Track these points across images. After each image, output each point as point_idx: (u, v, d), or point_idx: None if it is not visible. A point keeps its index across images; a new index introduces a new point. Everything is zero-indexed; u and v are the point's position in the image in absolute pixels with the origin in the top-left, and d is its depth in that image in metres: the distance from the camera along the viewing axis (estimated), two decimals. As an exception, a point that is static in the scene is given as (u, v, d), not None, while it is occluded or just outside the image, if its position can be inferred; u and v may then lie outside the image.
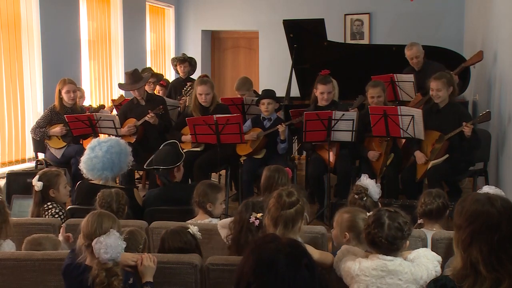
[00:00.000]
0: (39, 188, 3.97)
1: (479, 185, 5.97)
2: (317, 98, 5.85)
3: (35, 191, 3.98)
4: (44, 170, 4.18)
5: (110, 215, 2.81)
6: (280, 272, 1.67)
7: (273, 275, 1.68)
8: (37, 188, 3.97)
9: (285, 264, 1.68)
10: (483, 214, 2.00)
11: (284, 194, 2.84)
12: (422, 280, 2.59)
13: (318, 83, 5.80)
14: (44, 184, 3.97)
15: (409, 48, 6.41)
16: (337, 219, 3.09)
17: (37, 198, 3.99)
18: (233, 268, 3.00)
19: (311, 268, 1.70)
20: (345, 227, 3.02)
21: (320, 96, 5.77)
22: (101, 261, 2.60)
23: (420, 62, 6.38)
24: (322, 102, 5.77)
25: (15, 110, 6.55)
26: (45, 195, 4.00)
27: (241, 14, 9.88)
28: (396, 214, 2.67)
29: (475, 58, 6.17)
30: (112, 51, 8.48)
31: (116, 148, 4.41)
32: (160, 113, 6.11)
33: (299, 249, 1.74)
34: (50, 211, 3.96)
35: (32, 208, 4.02)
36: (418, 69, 6.41)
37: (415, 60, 6.37)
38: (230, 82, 10.46)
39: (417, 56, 6.35)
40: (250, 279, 1.73)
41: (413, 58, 6.37)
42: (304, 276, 1.68)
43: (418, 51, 6.34)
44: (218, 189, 3.87)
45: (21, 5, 6.59)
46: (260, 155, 5.92)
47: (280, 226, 2.79)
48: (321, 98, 5.77)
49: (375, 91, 5.64)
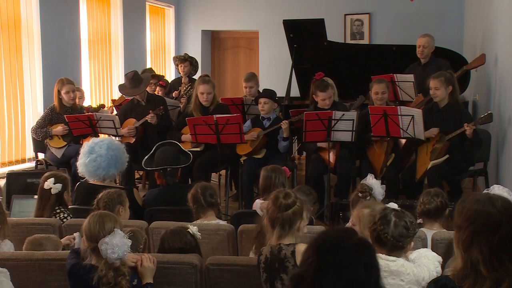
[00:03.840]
0: (56, 191, 3.93)
1: (479, 185, 5.98)
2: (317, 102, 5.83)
3: (51, 194, 3.92)
4: (54, 172, 4.10)
5: (110, 215, 2.81)
6: (339, 256, 1.69)
7: (333, 256, 1.69)
8: (55, 191, 3.93)
9: (346, 251, 1.69)
10: (483, 214, 1.99)
11: (281, 196, 2.84)
12: (424, 281, 2.59)
13: (317, 90, 5.75)
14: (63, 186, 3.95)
15: (422, 36, 6.46)
16: (357, 214, 3.06)
17: (52, 201, 3.93)
18: (233, 268, 3.02)
19: (369, 269, 1.70)
20: (368, 221, 2.98)
21: (322, 102, 5.73)
22: (109, 261, 2.60)
23: (425, 54, 6.39)
24: (324, 107, 5.74)
25: (15, 110, 6.54)
26: (60, 198, 3.97)
27: (241, 14, 9.88)
28: (403, 214, 2.68)
29: (478, 61, 6.16)
30: (112, 51, 8.48)
31: (116, 145, 4.47)
32: (160, 114, 6.11)
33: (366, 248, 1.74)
34: (59, 216, 3.94)
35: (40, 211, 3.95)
36: (424, 62, 6.41)
37: (421, 49, 6.40)
38: (230, 82, 10.47)
39: (424, 46, 6.38)
40: (309, 253, 1.75)
41: (420, 46, 6.41)
42: (360, 272, 1.68)
43: (427, 42, 6.37)
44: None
45: (21, 5, 6.59)
46: (260, 155, 5.91)
47: (277, 227, 2.80)
48: (322, 104, 5.74)
49: (379, 86, 5.64)
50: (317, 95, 5.75)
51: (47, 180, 3.93)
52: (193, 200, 3.78)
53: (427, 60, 6.41)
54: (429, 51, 6.39)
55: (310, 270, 1.70)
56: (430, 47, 6.38)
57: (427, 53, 6.39)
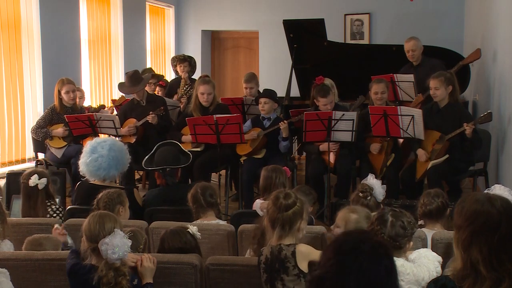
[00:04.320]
0: (43, 185, 3.98)
1: (479, 185, 5.98)
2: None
3: (39, 189, 3.98)
4: (33, 169, 4.19)
5: (110, 215, 2.81)
6: (359, 258, 1.67)
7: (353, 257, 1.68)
8: (42, 186, 3.98)
9: (367, 253, 1.68)
10: (483, 214, 1.99)
11: (281, 196, 2.84)
12: (423, 281, 2.59)
13: (317, 95, 5.72)
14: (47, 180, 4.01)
15: (407, 40, 6.47)
16: (343, 217, 3.05)
17: (42, 196, 3.99)
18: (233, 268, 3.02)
19: (389, 272, 1.69)
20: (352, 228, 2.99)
21: (324, 107, 5.69)
22: (109, 261, 2.60)
23: (416, 57, 6.40)
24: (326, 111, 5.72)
25: (15, 110, 6.54)
26: (48, 192, 4.04)
27: (241, 14, 9.88)
28: (401, 213, 2.68)
29: (473, 56, 6.20)
30: (112, 51, 8.48)
31: (118, 146, 4.47)
32: (161, 114, 6.11)
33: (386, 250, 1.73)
34: (51, 208, 4.02)
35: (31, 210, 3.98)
36: (416, 64, 6.42)
37: (410, 53, 6.41)
38: (230, 82, 10.47)
39: (413, 50, 6.38)
40: (330, 255, 1.73)
41: (409, 51, 6.42)
42: (381, 275, 1.67)
43: (414, 45, 6.37)
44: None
45: (21, 5, 6.59)
46: (260, 155, 5.91)
47: (278, 227, 2.80)
48: (324, 109, 5.69)
49: (379, 86, 5.65)
50: (318, 101, 5.72)
51: (31, 178, 3.97)
52: (193, 200, 3.78)
53: (418, 62, 6.42)
54: (419, 53, 6.40)
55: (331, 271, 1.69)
56: (419, 49, 6.39)
57: (418, 55, 6.40)
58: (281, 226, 2.79)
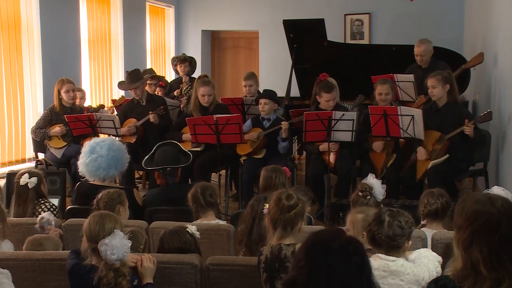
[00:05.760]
0: (33, 184, 4.00)
1: (479, 185, 5.98)
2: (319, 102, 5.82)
3: (29, 188, 4.00)
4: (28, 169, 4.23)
5: (111, 215, 2.81)
6: (329, 257, 1.67)
7: (323, 257, 1.68)
8: (32, 185, 4.00)
9: (336, 251, 1.68)
10: (483, 214, 1.99)
11: (284, 197, 2.83)
12: (423, 281, 2.59)
13: (322, 91, 5.71)
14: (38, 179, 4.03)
15: (417, 44, 6.40)
16: (351, 220, 3.06)
17: (31, 195, 4.01)
18: (233, 268, 3.01)
19: (361, 269, 1.69)
20: (361, 227, 2.97)
21: (326, 104, 5.71)
22: (109, 262, 2.60)
23: (424, 61, 6.36)
24: (328, 108, 5.72)
25: (15, 110, 6.54)
26: (39, 191, 4.06)
27: (241, 14, 9.88)
28: (398, 213, 2.68)
29: (475, 60, 6.16)
30: (112, 51, 8.48)
31: (117, 146, 4.47)
32: (161, 113, 6.12)
33: (356, 247, 1.73)
34: (45, 205, 4.03)
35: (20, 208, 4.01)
36: (424, 66, 6.40)
37: (419, 57, 6.38)
38: (230, 82, 10.47)
39: (422, 55, 6.33)
40: (300, 256, 1.73)
41: (418, 55, 6.38)
42: (351, 272, 1.67)
43: (424, 51, 6.31)
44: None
45: (21, 5, 6.59)
46: (260, 155, 5.91)
47: (279, 228, 2.80)
48: (326, 105, 5.71)
49: (383, 87, 5.64)
50: (321, 96, 5.71)
51: (21, 177, 4.02)
52: (193, 200, 3.78)
53: (427, 65, 6.40)
54: (428, 57, 6.35)
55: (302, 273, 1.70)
56: (428, 53, 6.34)
57: (426, 60, 6.36)
58: (283, 227, 2.79)
